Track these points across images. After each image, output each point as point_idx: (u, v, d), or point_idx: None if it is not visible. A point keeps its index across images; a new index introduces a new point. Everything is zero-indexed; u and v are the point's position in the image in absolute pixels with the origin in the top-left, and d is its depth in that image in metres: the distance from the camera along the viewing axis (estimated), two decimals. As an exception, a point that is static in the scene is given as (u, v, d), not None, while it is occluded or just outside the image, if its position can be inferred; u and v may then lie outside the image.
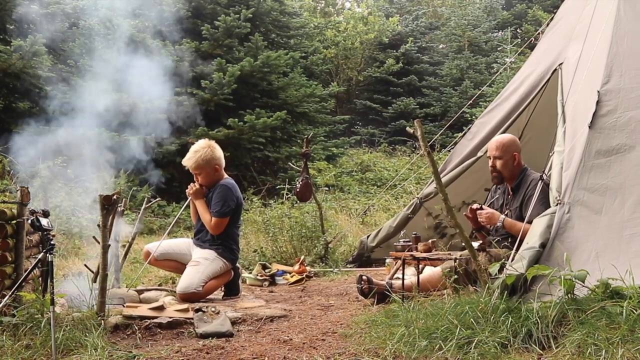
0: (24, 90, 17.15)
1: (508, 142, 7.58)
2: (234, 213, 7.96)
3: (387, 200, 16.38)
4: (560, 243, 6.05)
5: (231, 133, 17.41)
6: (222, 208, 7.79)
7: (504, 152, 7.51)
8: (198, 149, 7.91)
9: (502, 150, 7.52)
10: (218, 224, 7.80)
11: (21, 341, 5.33)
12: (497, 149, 7.54)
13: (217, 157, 7.96)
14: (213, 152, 7.93)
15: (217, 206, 7.79)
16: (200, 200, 7.98)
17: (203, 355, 5.38)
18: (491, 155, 7.59)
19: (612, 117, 6.74)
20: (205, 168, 7.90)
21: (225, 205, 7.80)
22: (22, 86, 17.01)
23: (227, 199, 7.82)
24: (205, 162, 7.86)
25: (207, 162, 7.87)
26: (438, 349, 4.93)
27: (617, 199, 6.27)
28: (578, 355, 4.55)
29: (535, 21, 30.22)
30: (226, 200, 7.81)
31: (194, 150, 7.93)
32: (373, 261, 10.59)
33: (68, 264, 10.53)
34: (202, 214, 7.92)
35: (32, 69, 16.75)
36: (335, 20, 32.94)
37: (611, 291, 5.23)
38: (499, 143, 7.59)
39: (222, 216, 7.79)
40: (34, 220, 5.76)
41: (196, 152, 7.89)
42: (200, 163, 7.86)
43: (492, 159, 7.58)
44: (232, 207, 7.87)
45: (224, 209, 7.80)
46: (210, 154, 7.89)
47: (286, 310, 7.12)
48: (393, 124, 27.87)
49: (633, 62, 7.16)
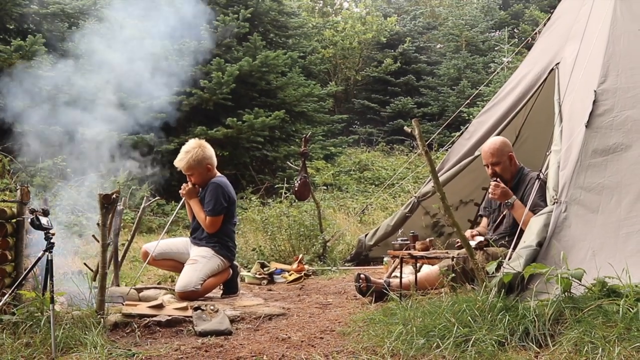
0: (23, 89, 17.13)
1: (501, 146, 7.58)
2: (227, 210, 7.96)
3: (385, 199, 16.37)
4: (557, 242, 6.06)
5: (230, 132, 17.41)
6: (215, 206, 7.79)
7: (500, 156, 7.51)
8: (189, 149, 7.90)
9: (498, 155, 7.52)
10: (213, 223, 7.81)
11: (21, 339, 5.33)
12: (493, 155, 7.53)
13: (208, 157, 7.95)
14: (204, 152, 7.92)
15: (210, 205, 7.80)
16: (194, 200, 7.98)
17: (202, 354, 5.38)
18: (488, 163, 7.56)
19: (609, 116, 6.75)
20: (197, 168, 7.89)
21: (217, 204, 7.80)
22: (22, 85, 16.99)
23: (218, 197, 7.81)
24: (197, 162, 7.86)
25: (199, 162, 7.87)
26: (435, 347, 4.93)
27: (614, 198, 6.28)
28: (575, 353, 4.55)
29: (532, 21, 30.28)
30: (218, 199, 7.81)
31: (184, 151, 7.93)
32: (371, 260, 10.60)
33: (68, 262, 10.52)
34: (197, 213, 7.93)
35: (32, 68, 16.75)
36: (333, 20, 32.94)
37: (608, 289, 5.23)
38: (493, 149, 7.56)
39: (215, 215, 7.80)
40: (33, 219, 5.76)
41: (187, 152, 7.89)
42: (192, 164, 7.86)
43: (491, 167, 7.55)
44: (224, 205, 7.87)
45: (217, 207, 7.81)
46: (202, 153, 7.89)
47: (285, 308, 7.12)
48: (391, 123, 27.89)
49: (629, 62, 7.17)
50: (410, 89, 29.66)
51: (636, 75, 7.04)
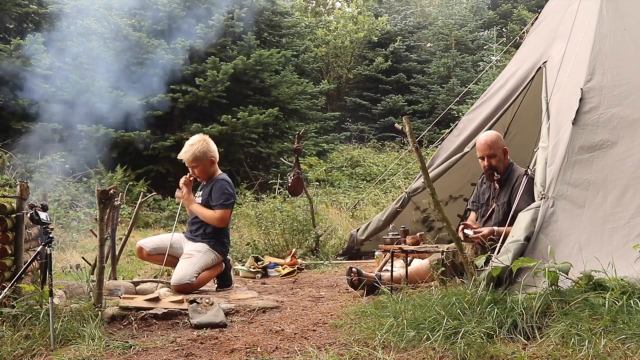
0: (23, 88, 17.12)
1: (497, 139, 7.60)
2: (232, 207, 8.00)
3: (376, 195, 16.39)
4: (544, 236, 6.06)
5: (225, 129, 17.42)
6: (227, 200, 7.82)
7: (496, 148, 7.53)
8: (194, 142, 7.95)
9: (494, 147, 7.53)
10: (223, 216, 7.80)
11: (20, 331, 5.32)
12: (490, 148, 7.53)
13: (212, 150, 7.99)
14: (208, 145, 7.96)
15: (222, 199, 7.81)
16: (195, 206, 7.98)
17: (197, 345, 5.37)
18: (484, 155, 7.55)
19: (595, 113, 6.75)
20: (202, 160, 7.91)
21: (228, 197, 7.84)
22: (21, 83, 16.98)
23: (228, 191, 7.86)
24: (202, 154, 7.88)
25: (204, 154, 7.89)
26: (426, 339, 4.92)
27: (600, 194, 6.28)
28: (562, 345, 4.55)
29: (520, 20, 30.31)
30: (228, 192, 7.85)
31: (189, 143, 7.96)
32: (363, 254, 10.59)
33: (66, 256, 10.51)
34: (202, 214, 7.91)
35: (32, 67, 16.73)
36: (325, 19, 33.01)
37: (594, 283, 5.24)
38: (490, 141, 7.57)
39: (226, 208, 7.81)
40: (33, 214, 5.75)
41: (192, 145, 7.92)
42: (197, 155, 7.88)
43: (487, 158, 7.53)
44: (232, 199, 7.93)
45: (229, 201, 7.84)
46: (206, 146, 7.93)
47: (278, 301, 7.11)
48: (382, 120, 27.94)
49: (615, 61, 7.17)
50: (401, 86, 29.71)
51: (622, 74, 7.05)
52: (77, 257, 9.85)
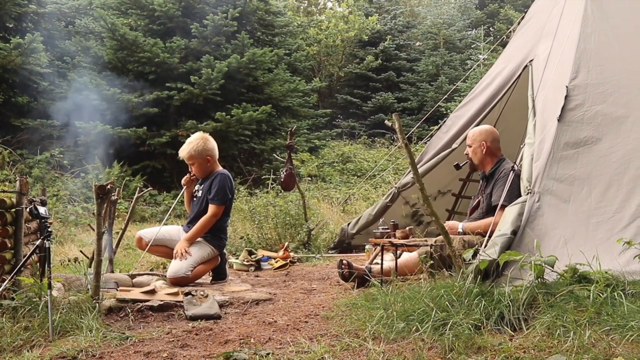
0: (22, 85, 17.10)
1: (478, 132, 7.76)
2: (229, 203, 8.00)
3: (367, 190, 16.39)
4: (530, 230, 6.06)
5: (219, 126, 17.38)
6: (221, 195, 7.81)
7: (473, 140, 7.71)
8: (192, 140, 7.99)
9: (471, 139, 7.76)
10: (215, 212, 7.79)
11: (20, 323, 5.31)
12: (469, 138, 7.81)
13: (209, 149, 7.98)
14: (205, 144, 7.95)
15: (219, 194, 7.80)
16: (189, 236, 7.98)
17: (192, 337, 5.36)
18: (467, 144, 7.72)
19: (580, 111, 6.76)
20: (198, 158, 7.92)
21: (224, 193, 7.82)
22: (20, 81, 16.95)
23: (225, 187, 7.84)
24: (197, 152, 7.89)
25: (200, 152, 7.89)
26: (415, 330, 4.91)
27: (585, 189, 6.29)
28: (548, 337, 4.55)
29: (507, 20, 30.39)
30: (225, 188, 7.84)
31: (188, 142, 8.01)
32: (353, 247, 10.59)
33: (65, 250, 10.49)
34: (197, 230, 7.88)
35: (31, 65, 16.70)
36: (317, 19, 33.00)
37: (579, 276, 5.25)
38: (472, 132, 7.86)
39: (220, 203, 7.80)
40: (32, 209, 5.74)
41: (190, 143, 7.96)
42: (192, 154, 7.89)
43: (467, 148, 7.70)
44: (229, 196, 7.91)
45: (223, 197, 7.83)
46: (203, 145, 7.92)
47: (271, 293, 7.10)
48: (372, 117, 27.93)
49: (599, 59, 7.18)
50: (391, 84, 29.71)
51: (606, 72, 7.05)
52: (75, 251, 9.83)
